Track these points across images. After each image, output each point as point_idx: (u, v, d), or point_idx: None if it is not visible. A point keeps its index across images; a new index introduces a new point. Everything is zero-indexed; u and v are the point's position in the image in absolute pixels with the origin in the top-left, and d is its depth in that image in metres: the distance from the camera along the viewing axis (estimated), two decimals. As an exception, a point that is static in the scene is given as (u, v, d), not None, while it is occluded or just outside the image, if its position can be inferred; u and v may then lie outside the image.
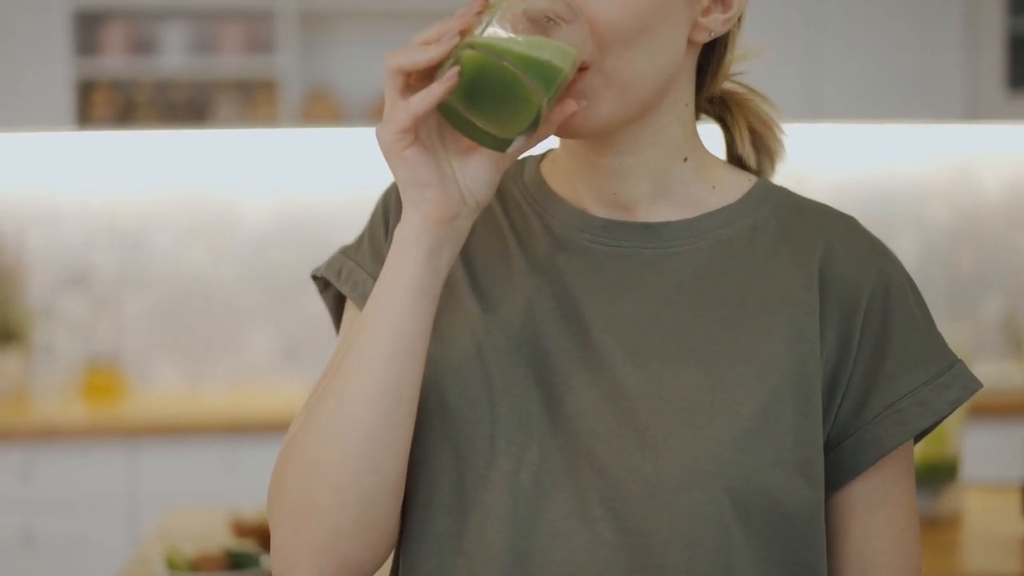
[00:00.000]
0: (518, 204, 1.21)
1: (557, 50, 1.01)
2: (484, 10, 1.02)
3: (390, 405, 1.06)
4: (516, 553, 1.08)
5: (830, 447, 1.13)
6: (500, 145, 1.03)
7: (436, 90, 1.00)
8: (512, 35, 1.00)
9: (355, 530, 1.07)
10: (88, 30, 4.45)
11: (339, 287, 1.22)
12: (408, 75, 1.02)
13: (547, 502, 1.08)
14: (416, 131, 1.03)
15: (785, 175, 1.27)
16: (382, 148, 1.04)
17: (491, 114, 1.02)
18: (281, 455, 1.11)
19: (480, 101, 1.01)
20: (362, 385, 1.06)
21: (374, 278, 1.19)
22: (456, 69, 0.99)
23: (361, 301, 1.19)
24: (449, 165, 1.05)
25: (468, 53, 1.00)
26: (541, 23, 1.01)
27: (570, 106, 1.05)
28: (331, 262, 1.24)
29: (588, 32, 1.04)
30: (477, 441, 1.10)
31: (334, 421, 1.06)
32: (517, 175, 1.23)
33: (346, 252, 1.24)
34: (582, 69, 1.06)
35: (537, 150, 1.20)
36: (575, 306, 1.14)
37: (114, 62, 4.41)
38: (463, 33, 1.01)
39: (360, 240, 1.24)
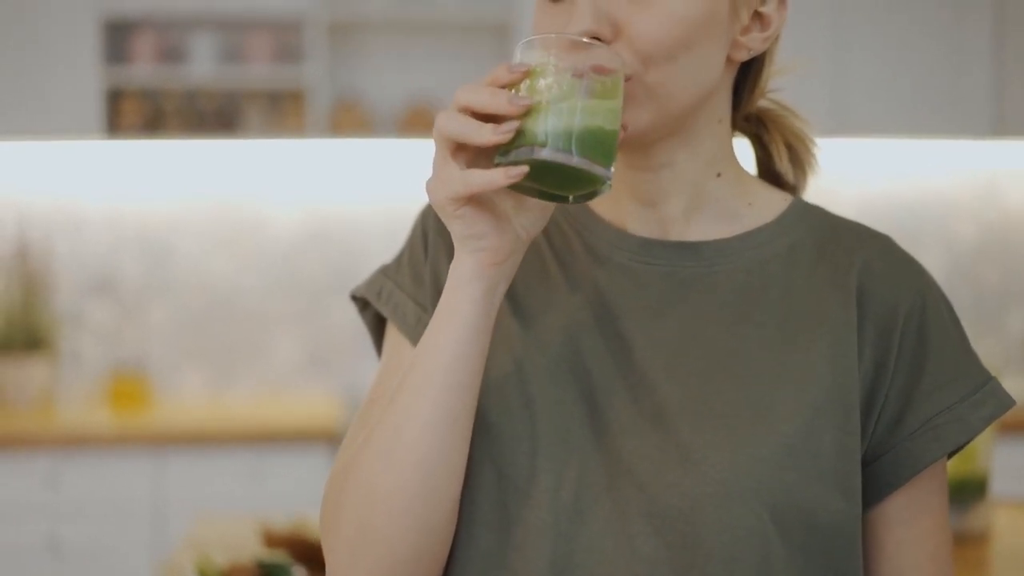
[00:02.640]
0: (557, 223, 1.22)
1: (609, 112, 1.01)
2: (530, 74, 1.00)
3: (445, 434, 1.06)
4: (556, 569, 1.08)
5: (867, 462, 1.14)
6: (562, 200, 1.03)
7: (499, 180, 0.98)
8: (564, 106, 0.99)
9: (412, 556, 1.08)
10: (117, 39, 4.48)
11: (379, 308, 1.22)
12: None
13: (587, 518, 1.09)
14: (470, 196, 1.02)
15: (811, 189, 1.28)
16: (434, 205, 1.03)
17: (554, 186, 1.02)
18: (333, 483, 1.12)
19: (543, 179, 1.01)
20: (417, 418, 1.06)
21: (413, 299, 1.20)
22: (523, 170, 0.98)
23: (401, 323, 1.19)
24: (504, 205, 1.05)
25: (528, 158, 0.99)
26: (580, 46, 1.02)
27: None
28: (371, 282, 1.25)
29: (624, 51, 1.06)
30: (518, 458, 1.11)
31: (393, 450, 1.07)
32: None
33: (385, 272, 1.25)
34: (624, 80, 1.06)
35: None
36: (615, 324, 1.15)
37: (143, 71, 4.43)
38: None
39: (399, 260, 1.25)
